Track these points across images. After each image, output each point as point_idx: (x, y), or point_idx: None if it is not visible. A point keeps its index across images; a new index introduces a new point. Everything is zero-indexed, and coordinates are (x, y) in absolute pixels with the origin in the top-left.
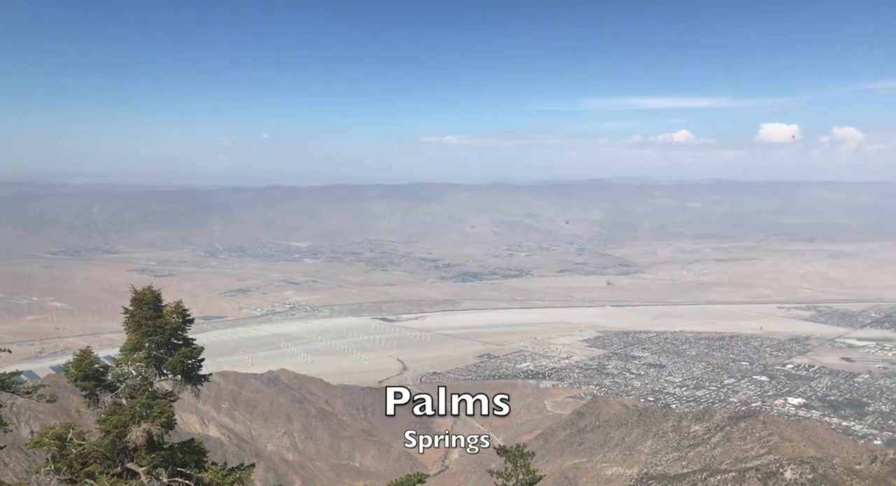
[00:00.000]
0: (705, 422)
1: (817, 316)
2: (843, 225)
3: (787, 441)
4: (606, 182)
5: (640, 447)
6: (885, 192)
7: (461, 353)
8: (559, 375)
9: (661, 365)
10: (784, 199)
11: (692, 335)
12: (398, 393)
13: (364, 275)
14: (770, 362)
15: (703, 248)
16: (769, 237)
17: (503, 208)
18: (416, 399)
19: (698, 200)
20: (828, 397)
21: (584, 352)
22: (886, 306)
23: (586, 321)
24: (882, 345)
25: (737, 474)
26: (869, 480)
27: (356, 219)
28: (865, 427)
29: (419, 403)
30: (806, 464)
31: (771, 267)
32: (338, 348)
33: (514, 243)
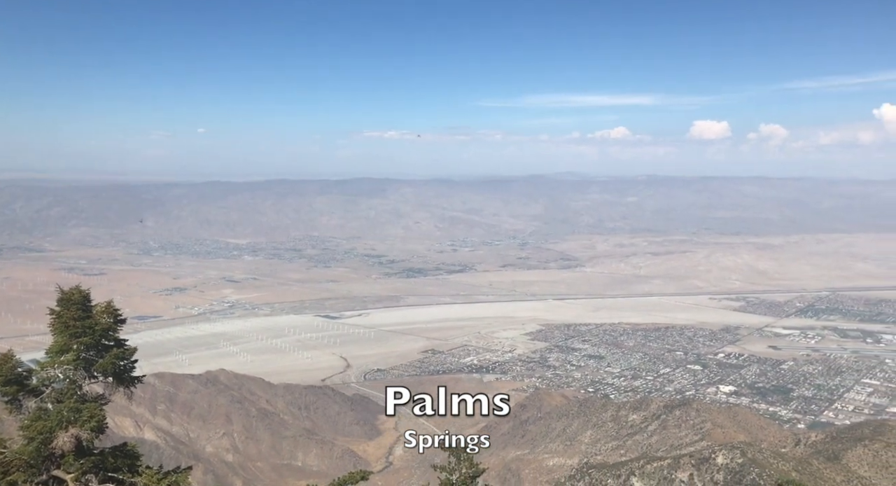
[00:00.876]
0: (642, 411)
1: (746, 306)
2: (769, 219)
3: (719, 428)
4: (546, 178)
5: (581, 437)
6: (808, 187)
7: (405, 349)
8: (503, 368)
9: (601, 356)
10: (714, 193)
11: (630, 327)
12: (398, 393)
13: (306, 272)
14: (703, 352)
15: (639, 241)
16: (700, 231)
17: (446, 204)
18: (416, 399)
19: (634, 195)
20: (756, 385)
21: (527, 345)
22: (809, 296)
23: (529, 315)
24: (805, 333)
25: (672, 460)
26: (793, 462)
27: (297, 215)
28: (790, 412)
29: (419, 402)
30: (736, 449)
31: (702, 260)
32: (279, 347)
33: (457, 238)
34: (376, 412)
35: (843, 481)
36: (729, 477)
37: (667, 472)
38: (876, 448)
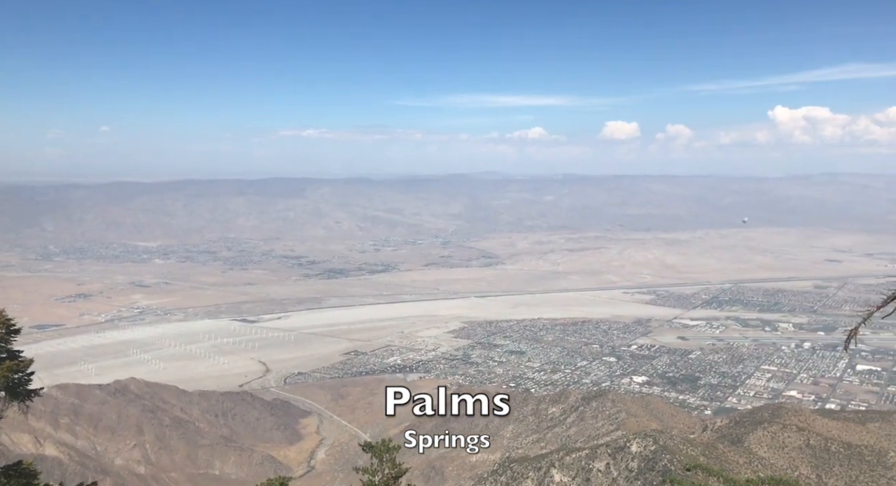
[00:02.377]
0: (561, 404)
1: (657, 299)
2: (677, 215)
3: (633, 417)
4: (467, 177)
5: (503, 432)
6: (711, 184)
7: (327, 351)
8: (426, 367)
9: (522, 352)
10: (626, 191)
11: (549, 322)
12: (398, 393)
13: (221, 275)
14: (617, 344)
15: (557, 239)
16: (614, 228)
17: (367, 203)
18: (416, 399)
19: (551, 194)
20: (667, 374)
21: (451, 343)
22: (714, 288)
23: (452, 313)
24: (711, 323)
25: (590, 451)
26: (701, 447)
27: (210, 216)
28: (698, 399)
29: (419, 403)
30: (649, 437)
31: (616, 255)
32: (193, 353)
33: (379, 237)
34: (297, 416)
35: (745, 462)
36: (643, 464)
37: (585, 462)
38: (774, 430)
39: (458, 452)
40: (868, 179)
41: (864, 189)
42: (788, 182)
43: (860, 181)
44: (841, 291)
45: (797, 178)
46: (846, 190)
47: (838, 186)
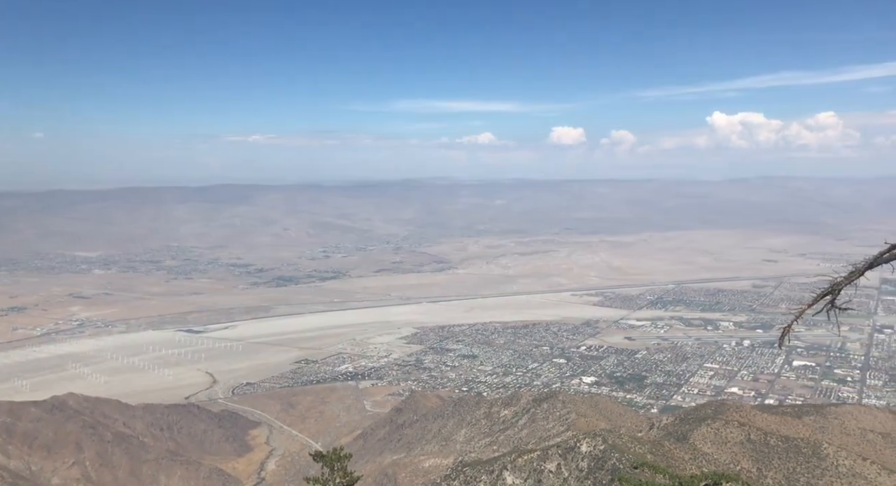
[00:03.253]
0: (513, 406)
1: (604, 301)
2: (622, 218)
3: (583, 417)
4: (418, 182)
5: (456, 436)
6: (654, 188)
7: (277, 360)
8: (378, 374)
9: (474, 356)
10: (574, 196)
11: (500, 325)
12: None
13: (165, 284)
14: (567, 346)
15: (508, 243)
16: (562, 231)
17: (317, 209)
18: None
19: (502, 199)
20: (615, 374)
21: (403, 349)
22: (658, 289)
23: (404, 319)
24: (656, 323)
25: (541, 452)
26: (648, 445)
27: (154, 224)
28: (645, 398)
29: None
30: (598, 437)
31: (565, 258)
32: (137, 366)
33: (329, 244)
34: (246, 427)
35: (690, 459)
36: (592, 464)
37: (536, 464)
38: (717, 427)
39: (410, 458)
40: (800, 182)
41: (797, 192)
42: (727, 185)
43: (793, 184)
44: (777, 290)
45: (735, 181)
46: (780, 193)
47: (773, 189)
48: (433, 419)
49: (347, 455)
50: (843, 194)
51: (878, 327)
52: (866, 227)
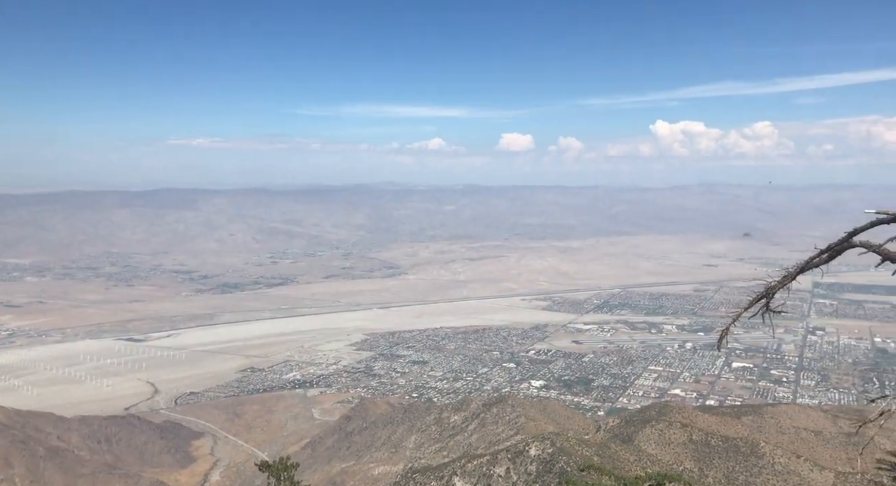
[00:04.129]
0: (463, 411)
1: (552, 305)
2: (570, 224)
3: (532, 421)
4: (368, 187)
5: (406, 442)
6: (600, 194)
7: (221, 369)
8: (327, 381)
9: (424, 361)
10: (523, 201)
11: (451, 330)
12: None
13: (104, 292)
14: (516, 350)
15: (458, 248)
16: (512, 237)
17: (264, 214)
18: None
19: (452, 204)
20: (563, 378)
21: (352, 356)
22: (605, 294)
23: (354, 325)
24: (602, 327)
25: (490, 456)
26: (595, 447)
27: (92, 230)
28: (592, 401)
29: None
30: (547, 440)
31: (514, 264)
32: (73, 377)
33: (277, 250)
34: (189, 437)
35: (635, 460)
36: (541, 467)
37: (486, 468)
38: (660, 428)
39: (360, 466)
40: (738, 189)
41: (735, 199)
42: (669, 192)
43: (731, 191)
44: (717, 293)
45: (677, 188)
46: (720, 199)
47: (713, 195)
48: (383, 426)
49: (294, 465)
50: (778, 201)
51: (811, 329)
52: (800, 232)
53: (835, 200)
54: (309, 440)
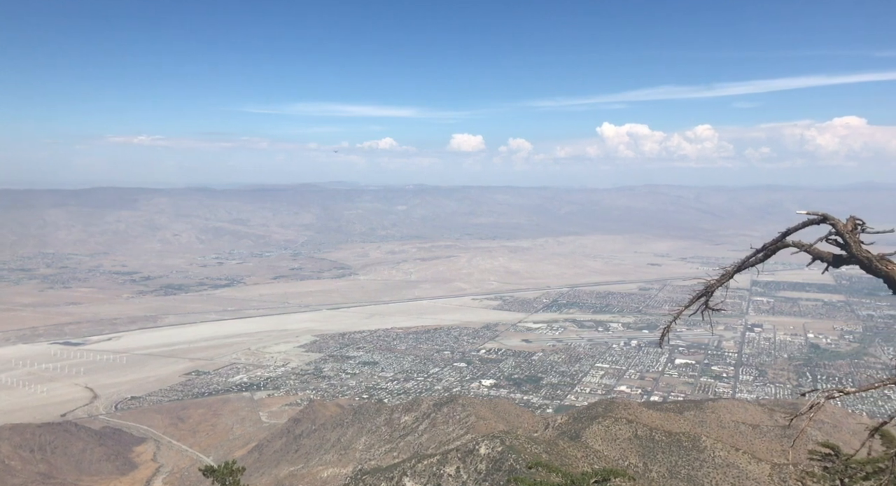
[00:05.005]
0: (414, 412)
1: (503, 305)
2: (520, 224)
3: (482, 420)
4: (317, 186)
5: (355, 444)
6: (549, 195)
7: (165, 372)
8: (275, 383)
9: (375, 362)
10: (474, 202)
11: (402, 331)
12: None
13: (38, 294)
14: (467, 350)
15: (409, 248)
16: (463, 237)
17: (209, 214)
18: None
19: (403, 204)
20: (512, 376)
21: (301, 358)
22: (553, 293)
23: (303, 327)
24: (551, 326)
25: (441, 456)
26: (544, 444)
27: (24, 230)
28: (541, 399)
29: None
30: (497, 438)
31: (465, 263)
32: (4, 383)
33: (222, 250)
34: (130, 443)
35: (582, 456)
36: (490, 465)
37: (436, 468)
38: (607, 424)
39: (308, 469)
40: (681, 190)
41: (678, 200)
42: (615, 193)
43: (674, 192)
44: (661, 292)
45: (622, 189)
46: (663, 200)
47: (657, 196)
48: (332, 428)
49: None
50: (718, 202)
51: (750, 325)
52: (739, 232)
53: (771, 201)
54: (256, 444)
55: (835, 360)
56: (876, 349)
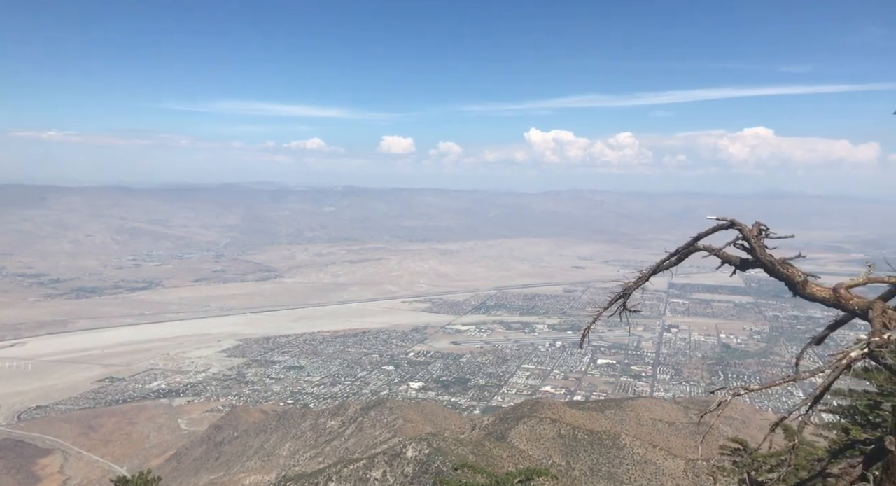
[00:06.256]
0: (340, 416)
1: (432, 307)
2: (449, 226)
3: (410, 423)
4: (241, 186)
5: (279, 451)
6: (478, 198)
7: (75, 380)
8: (195, 390)
9: (301, 367)
10: (404, 204)
11: (329, 334)
12: None
13: None
14: (396, 352)
15: (338, 250)
16: (393, 239)
17: (126, 214)
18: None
19: (332, 205)
20: (441, 378)
21: (223, 362)
22: (482, 295)
23: (226, 331)
24: (479, 327)
25: (367, 460)
26: (471, 446)
27: None
28: (468, 400)
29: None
30: (424, 441)
31: (395, 266)
32: None
33: (140, 252)
34: (35, 456)
35: (508, 456)
36: (417, 468)
37: (362, 472)
38: (531, 424)
39: (229, 476)
40: (603, 195)
41: (600, 205)
42: (542, 197)
43: (597, 197)
44: (585, 293)
45: (549, 194)
46: (587, 205)
47: (581, 201)
48: (255, 435)
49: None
50: (638, 207)
51: (667, 326)
52: (657, 236)
53: (687, 207)
54: (174, 452)
55: (744, 359)
56: (781, 348)
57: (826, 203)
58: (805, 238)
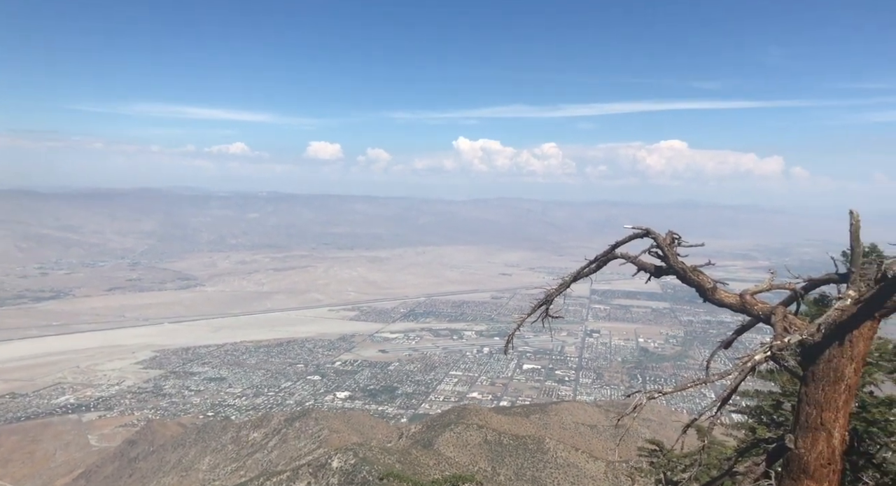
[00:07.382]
0: (263, 428)
1: (360, 315)
2: (378, 234)
3: (336, 433)
4: (159, 191)
5: (198, 465)
6: (408, 205)
7: None
8: (108, 404)
9: (222, 378)
10: (332, 211)
11: (252, 344)
12: None
13: None
14: (322, 362)
15: (262, 258)
16: (319, 246)
17: (30, 219)
18: None
19: (256, 212)
20: (368, 387)
21: (139, 375)
22: (411, 302)
23: (142, 342)
24: (408, 335)
25: (291, 472)
26: (397, 454)
27: None
28: (396, 408)
29: None
30: (350, 451)
31: (322, 274)
32: None
33: (47, 259)
34: None
35: (434, 464)
36: (343, 479)
37: (286, 485)
38: (458, 431)
39: None
40: (529, 203)
41: (527, 213)
42: (470, 205)
43: (524, 205)
44: (512, 300)
45: (477, 201)
46: (514, 213)
47: (508, 209)
48: (172, 449)
49: None
50: (562, 216)
51: (589, 331)
52: (581, 244)
53: (608, 216)
54: (83, 470)
55: (661, 362)
56: (694, 352)
57: (737, 213)
58: (717, 246)
